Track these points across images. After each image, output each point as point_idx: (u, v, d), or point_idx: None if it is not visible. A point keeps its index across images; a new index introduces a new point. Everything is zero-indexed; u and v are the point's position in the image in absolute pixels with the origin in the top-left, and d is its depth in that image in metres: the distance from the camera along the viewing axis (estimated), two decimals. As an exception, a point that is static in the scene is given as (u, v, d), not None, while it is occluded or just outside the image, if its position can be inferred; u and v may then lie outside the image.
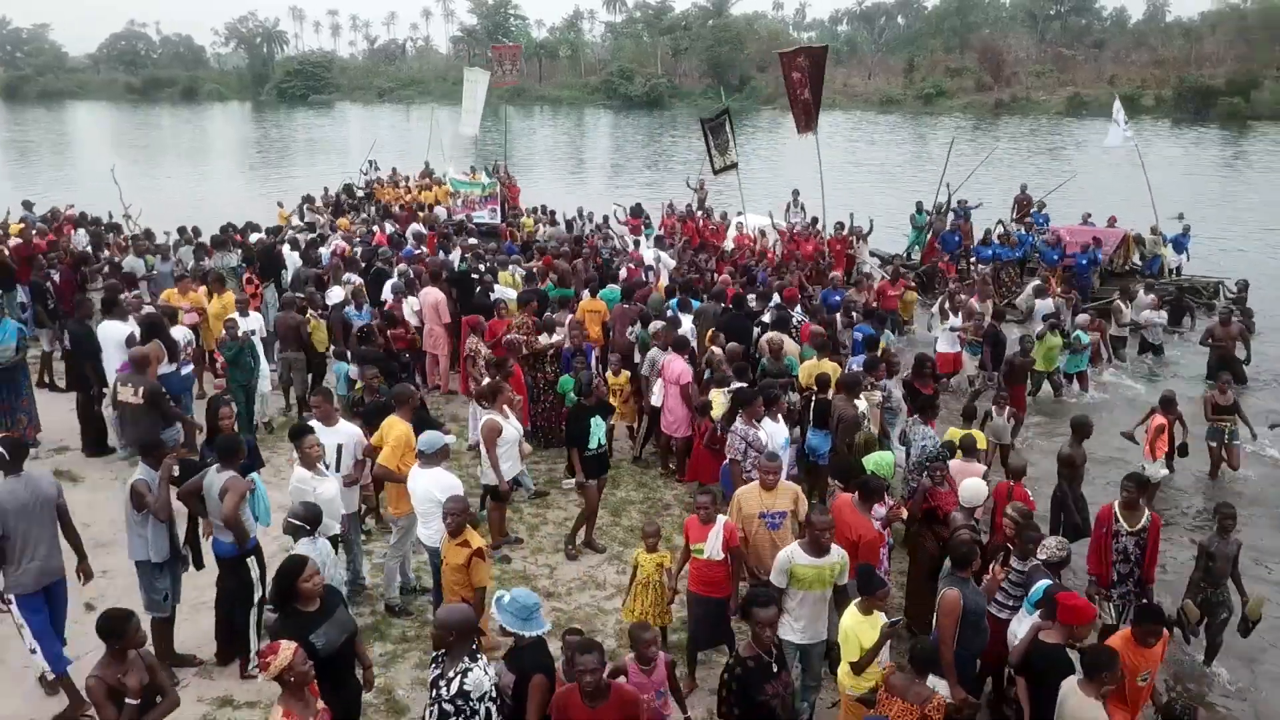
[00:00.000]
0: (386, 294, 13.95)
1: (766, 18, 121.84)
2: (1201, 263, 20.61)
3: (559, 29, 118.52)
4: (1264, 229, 27.34)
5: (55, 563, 6.83)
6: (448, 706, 5.13)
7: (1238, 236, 26.52)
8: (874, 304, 14.47)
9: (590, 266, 15.90)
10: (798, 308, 13.13)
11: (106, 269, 15.50)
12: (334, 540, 7.54)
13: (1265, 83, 69.37)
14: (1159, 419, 10.29)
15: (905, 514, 7.87)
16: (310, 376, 12.40)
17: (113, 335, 10.50)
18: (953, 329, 13.83)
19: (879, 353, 11.02)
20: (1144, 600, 7.18)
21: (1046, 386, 13.85)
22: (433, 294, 13.32)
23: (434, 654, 5.39)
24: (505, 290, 14.04)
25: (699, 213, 21.64)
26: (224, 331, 10.90)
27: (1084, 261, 17.63)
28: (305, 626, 5.47)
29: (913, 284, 16.60)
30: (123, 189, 21.06)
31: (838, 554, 6.48)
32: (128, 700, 4.98)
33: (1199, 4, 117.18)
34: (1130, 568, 7.45)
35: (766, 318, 12.45)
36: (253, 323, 11.79)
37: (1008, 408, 10.94)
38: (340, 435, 8.19)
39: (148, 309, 12.11)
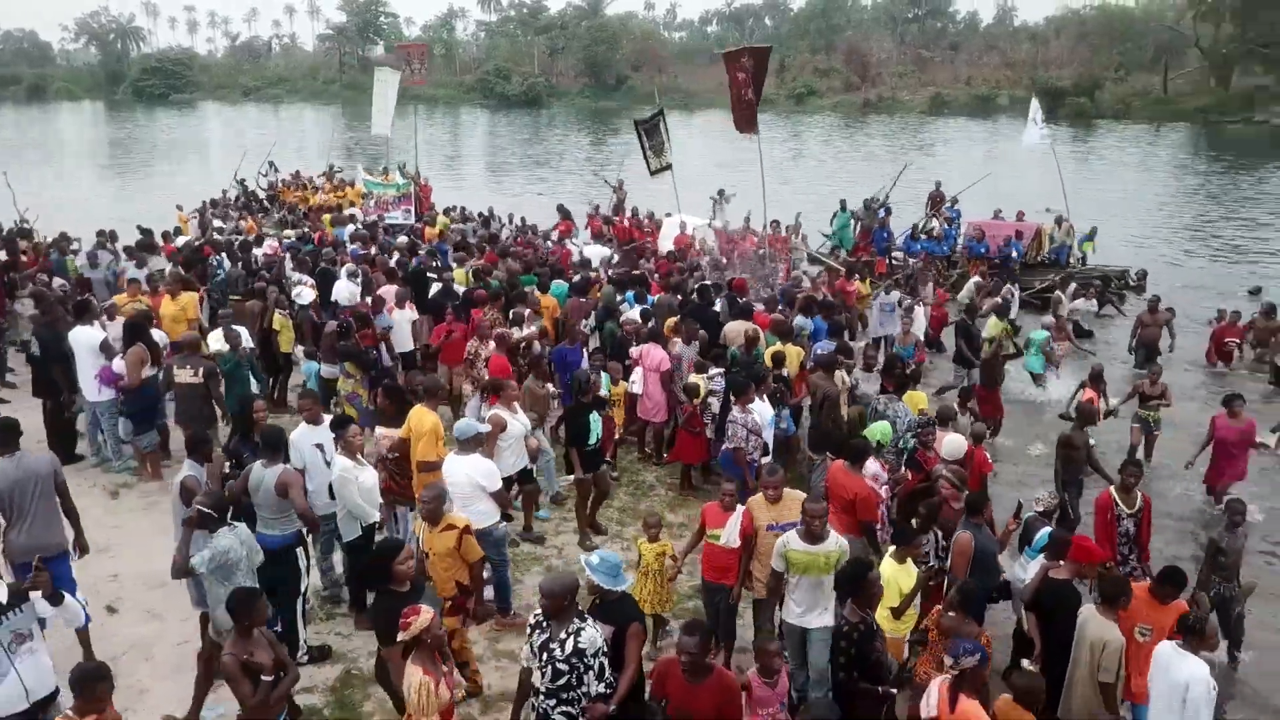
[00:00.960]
0: (336, 294, 13.97)
1: (638, 17, 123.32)
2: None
3: (432, 27, 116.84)
4: (1142, 222, 29.56)
5: (48, 539, 7.01)
6: (562, 666, 5.48)
7: (1107, 229, 28.68)
8: (828, 298, 14.96)
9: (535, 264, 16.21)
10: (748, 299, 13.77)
11: (35, 275, 14.96)
12: (371, 528, 7.82)
13: (1106, 84, 74.47)
14: (1089, 392, 11.38)
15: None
16: (281, 377, 12.41)
17: (85, 341, 10.31)
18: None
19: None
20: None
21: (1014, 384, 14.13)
22: (391, 291, 13.48)
23: (535, 621, 5.72)
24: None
25: (627, 213, 22.15)
26: (225, 344, 10.76)
27: (1008, 254, 18.75)
28: (402, 606, 5.76)
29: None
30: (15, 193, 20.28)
31: (835, 543, 6.58)
32: (263, 677, 5.21)
33: (1043, 9, 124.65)
34: (1130, 547, 8.02)
35: (717, 307, 13.12)
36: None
37: (987, 417, 11.54)
38: (322, 434, 8.17)
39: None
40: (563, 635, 5.52)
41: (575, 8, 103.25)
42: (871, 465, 8.29)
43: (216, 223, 20.67)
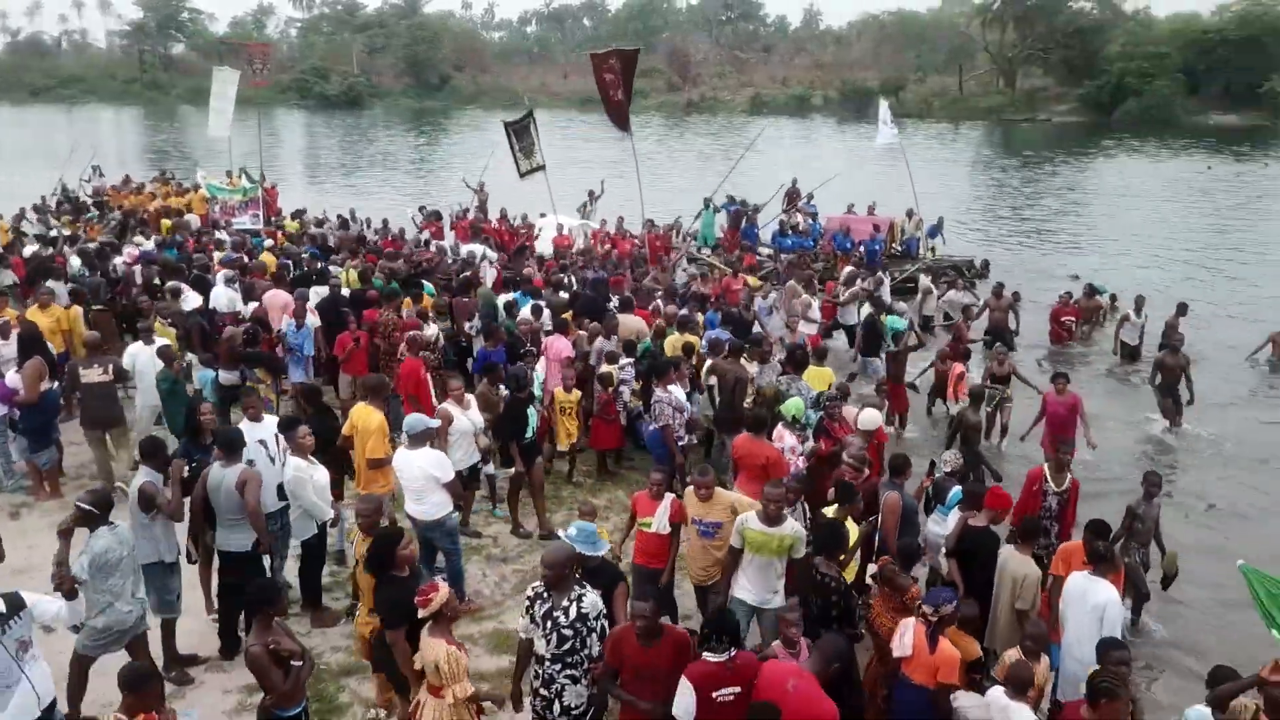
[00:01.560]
0: (214, 300, 13.62)
1: (455, 16, 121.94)
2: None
3: (241, 24, 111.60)
4: (962, 214, 31.81)
5: None
6: (567, 631, 5.82)
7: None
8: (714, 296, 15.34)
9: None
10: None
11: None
12: (324, 526, 7.93)
13: (909, 85, 79.62)
14: (959, 367, 12.49)
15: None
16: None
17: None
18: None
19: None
20: None
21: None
22: (280, 296, 13.29)
23: (536, 593, 6.04)
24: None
25: (495, 214, 22.24)
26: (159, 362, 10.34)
27: (875, 248, 19.77)
28: (405, 589, 5.98)
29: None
30: None
31: (791, 528, 6.88)
32: (293, 663, 5.35)
33: (846, 14, 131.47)
34: (1052, 523, 8.40)
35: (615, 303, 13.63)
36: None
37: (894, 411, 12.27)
38: (265, 430, 8.18)
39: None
40: (565, 603, 5.85)
41: (393, 6, 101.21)
42: (789, 438, 9.02)
43: (36, 230, 19.46)
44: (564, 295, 14.10)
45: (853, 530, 7.40)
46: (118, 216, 22.46)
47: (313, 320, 12.33)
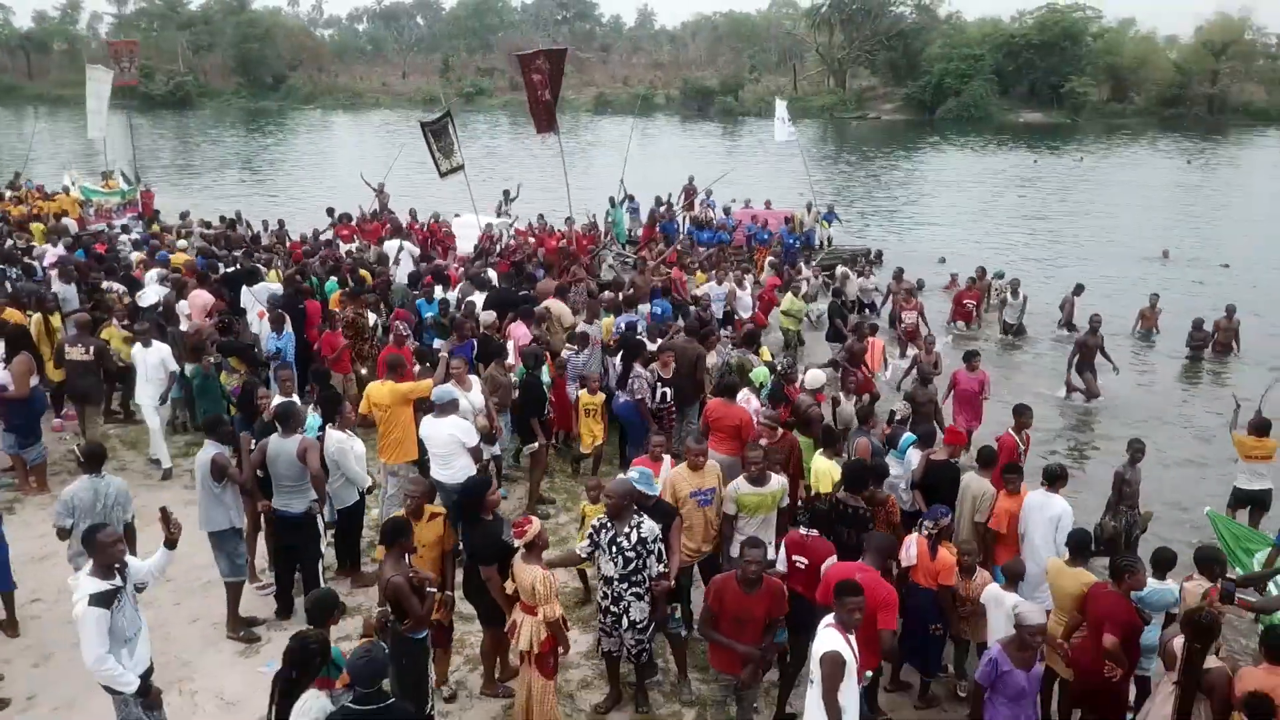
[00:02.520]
0: (144, 300, 13.59)
1: (282, 13, 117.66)
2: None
3: (51, 19, 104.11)
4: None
5: None
6: (630, 554, 6.73)
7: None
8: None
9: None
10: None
11: None
12: (363, 494, 8.56)
13: (747, 84, 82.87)
14: (879, 343, 13.84)
15: None
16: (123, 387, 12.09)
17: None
18: None
19: None
20: None
21: None
22: (202, 296, 13.29)
23: (600, 524, 6.94)
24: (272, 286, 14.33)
25: (415, 217, 22.52)
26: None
27: (792, 241, 20.87)
28: (495, 530, 6.79)
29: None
30: None
31: (778, 483, 7.60)
32: (428, 590, 6.05)
33: (679, 15, 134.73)
34: None
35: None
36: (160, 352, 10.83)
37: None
38: None
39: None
40: (626, 529, 6.79)
41: (220, 2, 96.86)
42: (754, 402, 10.16)
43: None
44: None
45: (837, 467, 8.55)
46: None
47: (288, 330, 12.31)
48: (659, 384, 10.91)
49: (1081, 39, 70.99)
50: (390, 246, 17.48)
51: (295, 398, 8.83)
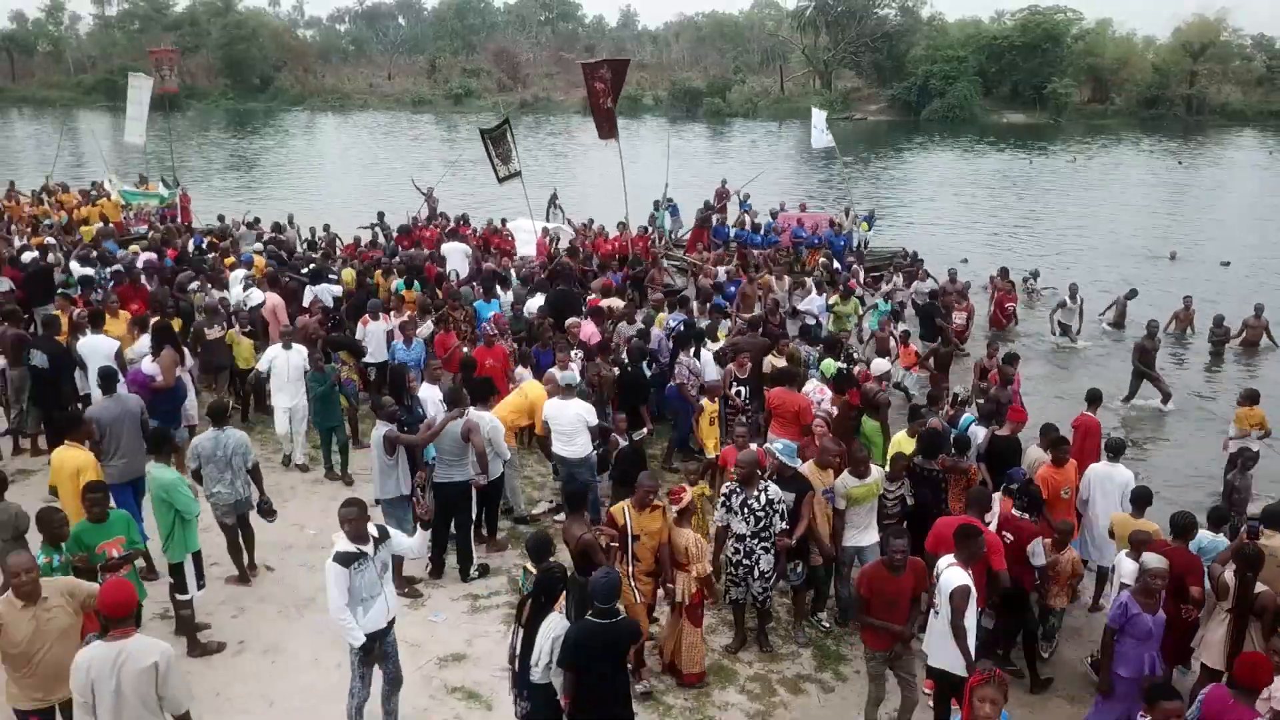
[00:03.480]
0: (231, 300, 14.55)
1: (266, 14, 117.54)
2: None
3: (36, 21, 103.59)
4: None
5: (137, 464, 8.76)
6: (760, 514, 7.90)
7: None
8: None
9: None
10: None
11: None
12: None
13: (734, 86, 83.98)
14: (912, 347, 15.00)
15: None
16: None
17: (101, 349, 10.76)
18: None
19: None
20: None
21: None
22: (273, 298, 14.28)
23: (730, 490, 8.07)
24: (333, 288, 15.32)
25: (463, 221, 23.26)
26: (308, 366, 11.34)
27: (841, 243, 20.85)
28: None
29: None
30: None
31: (877, 473, 8.54)
32: (609, 545, 7.16)
33: (661, 15, 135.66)
34: None
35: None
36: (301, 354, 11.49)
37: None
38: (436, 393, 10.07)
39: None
40: (755, 493, 7.95)
41: (205, 4, 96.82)
42: (827, 392, 11.21)
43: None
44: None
45: (911, 442, 9.65)
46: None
47: (380, 325, 13.16)
48: (734, 383, 11.91)
49: (1063, 40, 72.65)
50: (451, 250, 18.27)
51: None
